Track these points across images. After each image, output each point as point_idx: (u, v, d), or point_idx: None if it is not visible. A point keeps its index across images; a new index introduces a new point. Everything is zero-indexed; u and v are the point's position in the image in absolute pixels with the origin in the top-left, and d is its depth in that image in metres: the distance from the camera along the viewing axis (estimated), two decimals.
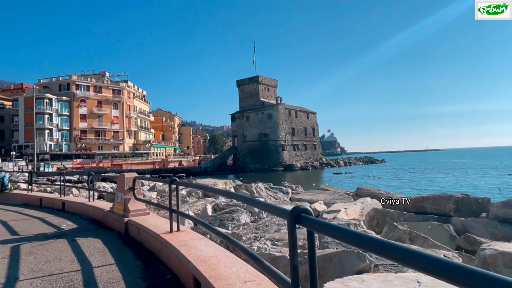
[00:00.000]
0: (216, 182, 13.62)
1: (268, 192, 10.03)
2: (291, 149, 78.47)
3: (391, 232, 5.29)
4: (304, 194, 10.57)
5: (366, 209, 7.86)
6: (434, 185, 33.02)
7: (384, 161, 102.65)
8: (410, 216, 7.15)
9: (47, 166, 62.53)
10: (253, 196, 9.77)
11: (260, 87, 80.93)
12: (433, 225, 5.83)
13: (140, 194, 7.00)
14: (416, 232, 5.05)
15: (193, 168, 72.48)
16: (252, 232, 5.00)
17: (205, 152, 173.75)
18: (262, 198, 9.21)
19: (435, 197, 8.12)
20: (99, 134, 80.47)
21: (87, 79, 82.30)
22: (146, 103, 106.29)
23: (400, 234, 5.09)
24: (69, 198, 10.54)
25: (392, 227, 5.33)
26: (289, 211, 1.94)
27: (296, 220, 1.90)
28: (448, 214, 7.70)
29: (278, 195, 10.09)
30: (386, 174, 53.59)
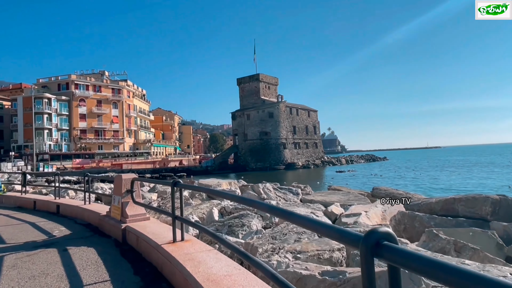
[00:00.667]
0: (220, 182, 12.92)
1: (276, 193, 9.35)
2: (293, 147, 77.79)
3: (431, 241, 4.59)
4: (315, 195, 9.88)
5: (389, 212, 7.18)
6: (440, 184, 32.31)
7: (386, 159, 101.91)
8: (442, 220, 6.43)
9: (46, 166, 61.94)
10: (261, 197, 9.11)
11: (261, 85, 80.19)
12: (475, 232, 5.08)
13: (139, 197, 6.35)
14: (462, 242, 4.35)
15: (194, 167, 71.83)
16: (268, 242, 4.34)
17: (206, 151, 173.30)
18: (272, 200, 8.53)
19: (468, 199, 7.34)
20: (98, 133, 79.85)
21: (86, 78, 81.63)
22: (146, 102, 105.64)
23: (443, 244, 4.36)
24: (64, 200, 9.89)
25: (432, 236, 4.64)
26: (362, 238, 1.26)
27: (375, 250, 1.22)
28: (485, 218, 6.94)
29: (287, 196, 9.40)
30: (389, 172, 52.87)
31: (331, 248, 4.00)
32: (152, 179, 7.34)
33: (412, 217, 6.42)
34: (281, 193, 9.47)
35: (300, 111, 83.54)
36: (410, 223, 6.38)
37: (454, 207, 7.29)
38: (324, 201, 8.61)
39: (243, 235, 5.28)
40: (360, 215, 6.30)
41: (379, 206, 7.40)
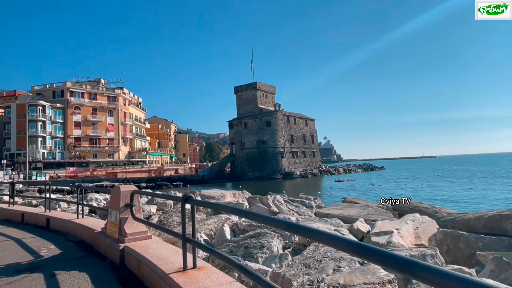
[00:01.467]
0: (224, 194, 12.09)
1: (288, 206, 8.57)
2: (290, 156, 77.13)
3: (502, 271, 3.80)
4: (331, 209, 9.06)
5: (422, 230, 6.42)
6: (443, 195, 31.60)
7: (383, 168, 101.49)
8: (491, 241, 5.64)
9: (39, 175, 60.63)
10: (270, 210, 8.30)
11: (258, 94, 79.82)
12: None
13: (139, 212, 5.57)
14: None
15: (190, 176, 70.82)
16: (301, 271, 3.58)
17: (201, 160, 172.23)
18: (284, 213, 7.75)
19: None
20: (93, 141, 78.69)
21: (82, 86, 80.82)
22: (142, 110, 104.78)
23: None
24: (55, 213, 9.04)
25: (502, 264, 3.86)
26: None
27: None
28: None
29: (301, 209, 8.60)
30: (389, 183, 52.21)
31: (381, 281, 3.27)
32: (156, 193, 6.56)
33: (456, 237, 5.65)
34: (293, 206, 8.68)
35: (298, 119, 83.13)
36: (454, 244, 5.61)
37: (501, 225, 6.46)
38: (342, 215, 7.84)
39: (263, 259, 4.51)
40: (392, 234, 5.54)
41: (410, 222, 6.62)
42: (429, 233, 6.35)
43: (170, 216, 7.42)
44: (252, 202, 9.77)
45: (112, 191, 5.87)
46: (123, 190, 5.53)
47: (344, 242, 1.77)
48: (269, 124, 73.56)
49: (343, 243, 1.76)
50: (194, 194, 13.91)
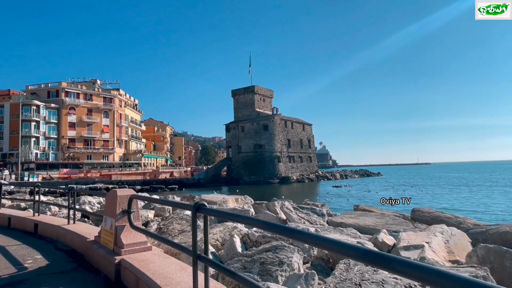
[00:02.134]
0: (226, 199, 11.38)
1: (298, 213, 7.93)
2: (287, 161, 76.58)
3: None
4: (344, 217, 8.42)
5: (453, 243, 5.82)
6: (446, 202, 31.04)
7: (380, 174, 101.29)
8: None
9: (32, 176, 59.52)
10: (278, 218, 7.66)
11: (256, 97, 79.38)
12: None
13: (138, 220, 4.94)
14: None
15: (186, 180, 69.96)
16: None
17: (197, 163, 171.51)
18: (294, 222, 7.12)
19: None
20: (88, 143, 77.59)
21: (77, 86, 79.84)
22: (138, 112, 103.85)
23: None
24: (44, 218, 8.35)
25: None
26: None
27: None
28: None
29: (312, 217, 7.96)
30: (386, 189, 51.71)
31: None
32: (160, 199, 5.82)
33: (500, 254, 5.03)
34: (303, 214, 8.05)
35: (295, 124, 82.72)
36: (499, 262, 4.98)
37: None
38: (358, 224, 7.22)
39: (284, 278, 3.87)
40: (424, 248, 4.94)
41: (439, 235, 5.99)
42: (462, 248, 5.75)
43: (171, 224, 6.74)
44: (258, 208, 9.12)
45: (107, 195, 5.23)
46: (120, 195, 4.90)
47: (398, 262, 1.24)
48: (267, 128, 73.04)
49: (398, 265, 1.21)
50: (193, 198, 13.24)
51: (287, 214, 7.77)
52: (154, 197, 5.28)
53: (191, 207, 3.07)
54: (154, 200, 4.96)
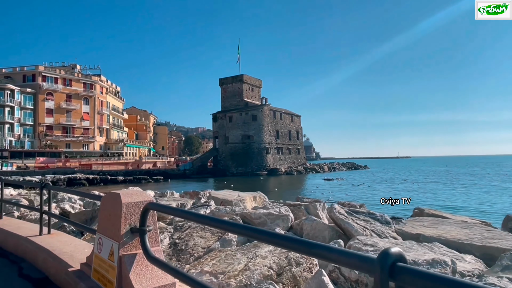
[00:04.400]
0: (242, 196, 9.40)
1: (356, 220, 6.10)
2: (275, 152, 74.92)
3: None
4: (416, 225, 6.57)
5: None
6: (448, 199, 29.75)
7: (367, 167, 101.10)
8: None
9: (5, 165, 55.65)
10: (332, 228, 5.81)
11: (244, 87, 77.04)
12: None
13: (156, 243, 2.97)
14: None
15: (171, 171, 67.41)
16: None
17: (180, 154, 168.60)
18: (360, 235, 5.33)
19: None
20: (67, 130, 73.70)
21: (56, 70, 75.41)
22: (120, 99, 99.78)
23: None
24: (8, 222, 6.21)
25: None
26: None
27: None
28: None
29: (376, 226, 6.14)
30: (380, 183, 50.65)
31: None
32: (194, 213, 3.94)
33: None
34: (362, 221, 6.24)
35: (284, 115, 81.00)
36: None
37: None
38: (443, 237, 5.33)
39: None
40: None
41: None
42: None
43: (190, 237, 4.78)
44: (297, 213, 7.20)
45: (104, 201, 3.22)
46: (126, 202, 2.91)
47: None
48: (255, 118, 71.01)
49: None
50: (198, 195, 11.18)
51: (341, 221, 5.93)
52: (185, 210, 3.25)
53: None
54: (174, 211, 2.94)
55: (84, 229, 4.24)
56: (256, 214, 6.39)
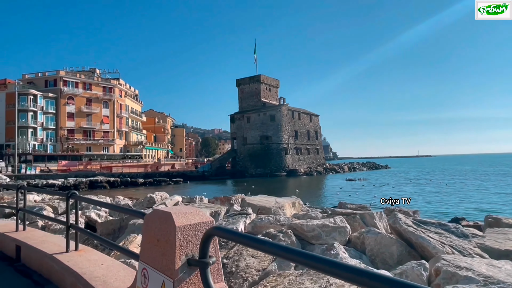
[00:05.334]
0: (280, 203, 8.60)
1: (428, 233, 5.22)
2: (294, 153, 73.84)
3: None
4: (499, 238, 5.72)
5: None
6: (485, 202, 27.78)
7: (388, 166, 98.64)
8: None
9: (29, 168, 56.80)
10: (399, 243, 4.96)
11: (262, 87, 76.28)
12: None
13: (219, 277, 2.26)
14: None
15: (190, 172, 67.37)
16: None
17: (197, 155, 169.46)
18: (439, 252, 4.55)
19: None
20: (87, 134, 74.75)
21: (76, 75, 76.68)
22: (138, 102, 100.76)
23: None
24: (32, 235, 5.67)
25: None
26: None
27: None
28: None
29: (451, 240, 5.27)
30: (405, 184, 48.74)
31: None
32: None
33: None
34: (434, 234, 5.39)
35: (302, 115, 79.83)
36: None
37: None
38: None
39: None
40: None
41: None
42: None
43: (240, 256, 4.00)
44: (351, 223, 6.34)
45: (148, 222, 2.53)
46: (181, 225, 2.22)
47: None
48: (273, 118, 70.16)
49: None
50: (229, 200, 10.50)
51: (410, 234, 5.11)
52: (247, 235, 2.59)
53: None
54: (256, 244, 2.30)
55: (117, 249, 3.59)
56: (308, 226, 5.61)
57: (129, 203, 12.36)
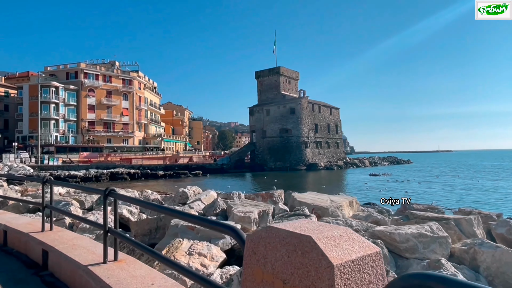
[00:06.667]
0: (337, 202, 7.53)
1: None
2: (314, 146, 72.36)
3: None
4: None
5: None
6: None
7: (410, 161, 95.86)
8: None
9: (51, 159, 57.55)
10: None
11: (281, 79, 74.83)
12: None
13: None
14: None
15: (208, 165, 66.94)
16: None
17: (214, 148, 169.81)
18: None
19: None
20: (107, 126, 75.24)
21: (96, 67, 77.06)
22: (157, 95, 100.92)
23: None
24: (59, 236, 4.85)
25: None
26: None
27: None
28: None
29: None
30: (430, 179, 46.81)
31: None
32: None
33: None
34: None
35: (322, 108, 78.07)
36: None
37: None
38: None
39: None
40: None
41: None
42: None
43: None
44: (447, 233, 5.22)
45: (257, 245, 1.56)
46: (340, 263, 1.22)
47: None
48: (293, 111, 68.76)
49: None
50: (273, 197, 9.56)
51: None
52: None
53: None
54: None
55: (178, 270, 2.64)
56: (401, 235, 4.57)
57: (159, 197, 11.63)
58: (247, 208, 6.74)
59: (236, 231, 1.88)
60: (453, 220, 5.47)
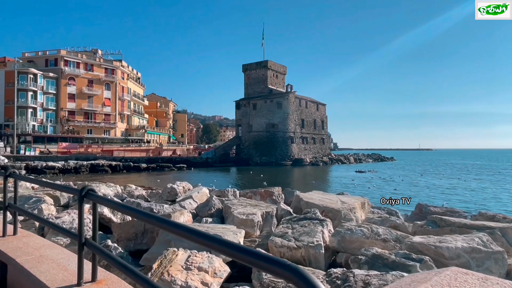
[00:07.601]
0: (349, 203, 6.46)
1: None
2: (300, 142, 72.05)
3: None
4: None
5: None
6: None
7: (393, 159, 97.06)
8: None
9: (28, 149, 55.07)
10: None
11: (269, 73, 73.96)
12: None
13: None
14: None
15: (193, 158, 65.74)
16: None
17: (198, 141, 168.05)
18: None
19: None
20: (88, 116, 72.79)
21: (77, 55, 74.20)
22: (141, 85, 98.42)
23: None
24: (24, 243, 3.92)
25: None
26: None
27: None
28: None
29: None
30: (415, 176, 47.21)
31: None
32: None
33: None
34: None
35: (309, 103, 77.74)
36: None
37: None
38: None
39: None
40: None
41: None
42: None
43: None
44: None
45: None
46: None
47: None
48: (280, 106, 68.12)
49: None
50: (273, 195, 8.79)
51: None
52: None
53: None
54: None
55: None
56: (451, 250, 3.82)
57: (144, 193, 10.67)
58: (248, 209, 5.93)
59: (304, 275, 1.09)
60: (499, 229, 4.80)
